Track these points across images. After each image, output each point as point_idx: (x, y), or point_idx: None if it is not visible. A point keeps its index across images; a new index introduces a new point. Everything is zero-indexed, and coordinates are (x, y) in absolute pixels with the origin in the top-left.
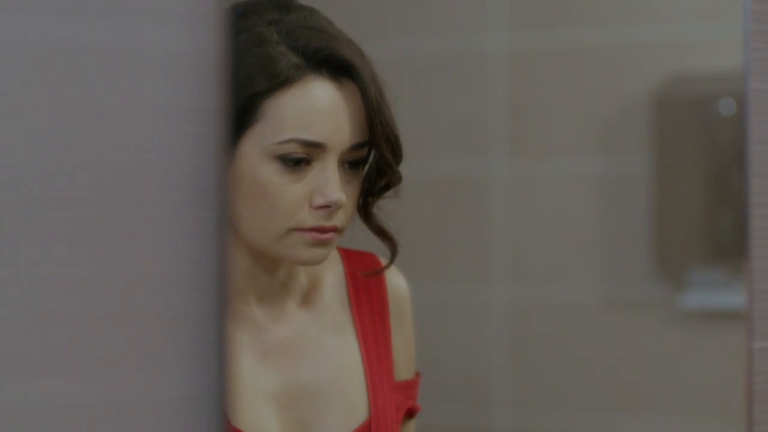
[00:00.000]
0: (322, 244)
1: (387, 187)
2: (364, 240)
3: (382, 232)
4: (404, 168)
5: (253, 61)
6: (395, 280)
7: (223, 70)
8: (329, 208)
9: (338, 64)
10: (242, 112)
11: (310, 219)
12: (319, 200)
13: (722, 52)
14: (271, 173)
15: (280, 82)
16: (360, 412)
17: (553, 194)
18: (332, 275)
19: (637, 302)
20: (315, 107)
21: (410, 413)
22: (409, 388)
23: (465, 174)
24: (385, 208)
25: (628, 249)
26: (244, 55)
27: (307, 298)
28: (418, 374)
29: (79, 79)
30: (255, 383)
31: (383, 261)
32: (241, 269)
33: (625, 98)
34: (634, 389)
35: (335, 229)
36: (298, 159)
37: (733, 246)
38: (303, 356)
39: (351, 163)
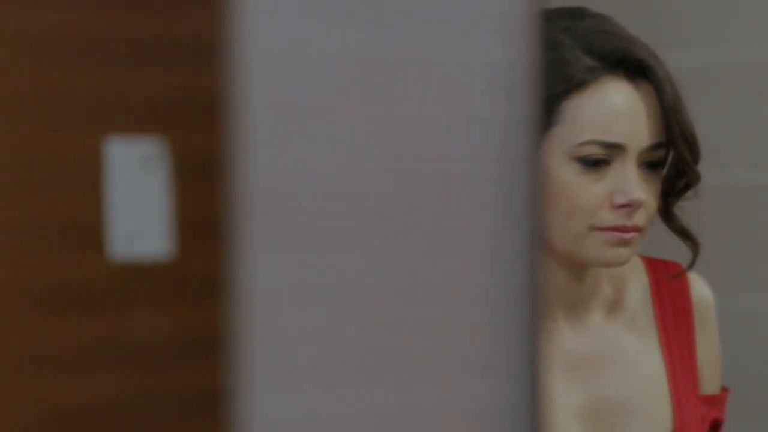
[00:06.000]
0: (625, 243)
1: (687, 187)
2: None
3: (684, 233)
4: (705, 176)
5: (548, 66)
6: (700, 289)
7: (535, 79)
8: (630, 207)
9: (633, 65)
10: (541, 115)
11: (611, 218)
12: (620, 199)
13: None
14: (570, 174)
15: (575, 84)
16: (664, 426)
17: None
18: (636, 285)
19: None
20: (613, 108)
21: (715, 425)
22: (715, 403)
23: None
24: (685, 208)
25: None
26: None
27: (612, 310)
28: (725, 390)
29: (396, 91)
30: (560, 399)
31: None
32: (547, 279)
33: None
34: None
35: (637, 229)
36: (597, 160)
37: None
38: (607, 370)
39: (649, 164)
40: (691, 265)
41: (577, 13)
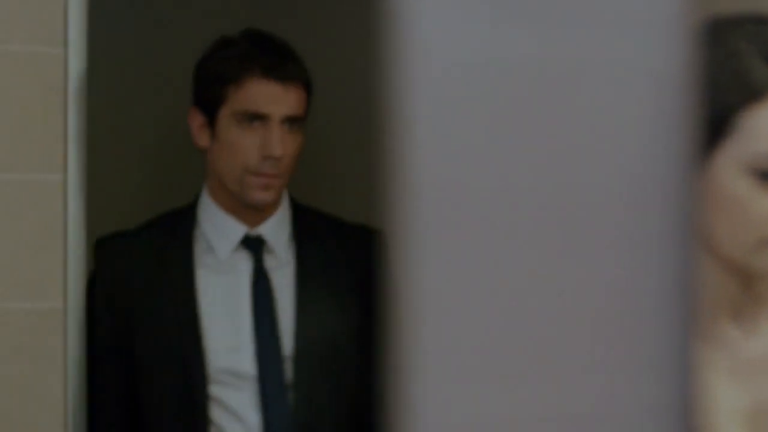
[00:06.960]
0: None
1: None
2: None
3: None
4: None
5: (725, 75)
6: None
7: (695, 83)
8: None
9: None
10: (715, 125)
11: None
12: None
13: None
14: (744, 186)
15: (754, 94)
16: None
17: None
18: None
19: None
20: None
21: None
22: None
23: None
24: None
25: None
26: (717, 68)
27: None
28: None
29: (559, 93)
30: (724, 401)
31: None
32: (714, 285)
33: None
34: None
35: None
36: None
37: None
38: None
39: None
40: None
41: (760, 21)
